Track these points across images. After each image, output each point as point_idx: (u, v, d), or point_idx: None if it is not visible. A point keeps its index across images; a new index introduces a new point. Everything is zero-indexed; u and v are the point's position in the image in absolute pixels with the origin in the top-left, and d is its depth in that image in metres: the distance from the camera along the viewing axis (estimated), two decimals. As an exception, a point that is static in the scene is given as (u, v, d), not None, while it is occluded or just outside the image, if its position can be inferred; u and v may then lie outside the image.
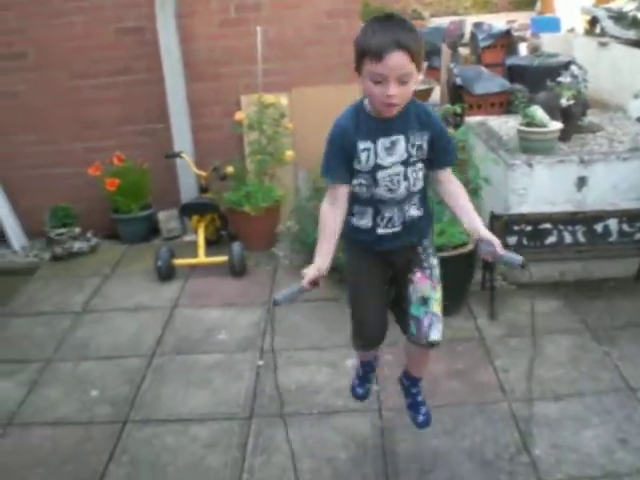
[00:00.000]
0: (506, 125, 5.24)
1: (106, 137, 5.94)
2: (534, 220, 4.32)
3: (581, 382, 3.77)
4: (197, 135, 5.90)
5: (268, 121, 5.41)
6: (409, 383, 3.17)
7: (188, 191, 5.78)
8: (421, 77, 2.51)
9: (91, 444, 3.50)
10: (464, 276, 4.35)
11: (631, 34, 8.24)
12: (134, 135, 5.96)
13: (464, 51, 10.49)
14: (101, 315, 4.77)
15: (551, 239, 4.36)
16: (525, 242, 4.35)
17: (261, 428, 3.53)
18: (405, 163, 2.63)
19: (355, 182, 2.66)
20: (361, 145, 2.59)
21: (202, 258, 5.20)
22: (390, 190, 2.66)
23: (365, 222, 2.75)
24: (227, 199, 5.45)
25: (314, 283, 2.57)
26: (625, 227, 4.33)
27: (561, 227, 4.32)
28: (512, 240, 4.32)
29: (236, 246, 5.16)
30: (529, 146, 4.60)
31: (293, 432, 3.45)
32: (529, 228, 4.32)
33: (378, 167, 2.62)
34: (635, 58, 8.49)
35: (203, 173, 5.49)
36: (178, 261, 5.21)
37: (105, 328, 4.59)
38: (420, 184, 2.72)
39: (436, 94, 8.05)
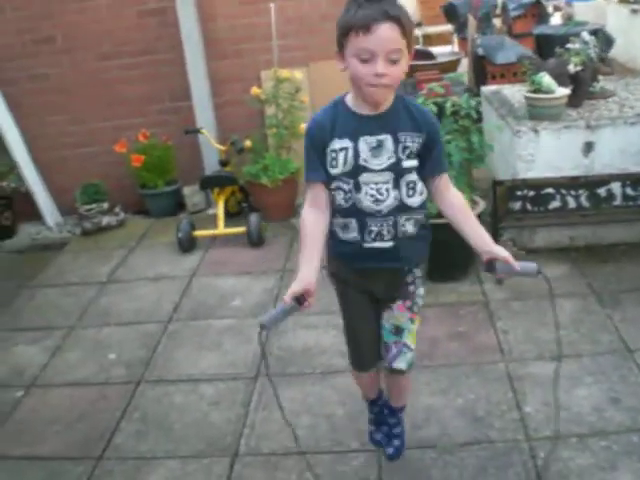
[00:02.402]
0: (519, 93, 5.27)
1: (133, 115, 6.15)
2: (536, 185, 4.38)
3: (580, 343, 3.84)
4: (220, 111, 6.08)
5: (283, 95, 5.55)
6: (388, 412, 3.09)
7: (211, 166, 5.96)
8: (408, 64, 2.26)
9: (105, 403, 3.72)
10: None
11: (665, 0, 8.15)
12: (159, 113, 6.17)
13: (498, 22, 10.44)
14: (124, 285, 5.01)
15: (555, 204, 4.42)
16: (529, 207, 4.42)
17: (265, 387, 3.69)
18: (395, 169, 2.37)
19: (333, 185, 2.41)
20: (337, 144, 2.36)
21: (221, 229, 5.40)
22: (376, 201, 2.40)
23: (352, 236, 2.48)
24: (246, 172, 5.63)
25: (303, 298, 2.29)
26: (629, 191, 4.37)
27: (564, 192, 4.38)
28: (516, 205, 4.41)
29: (253, 217, 5.33)
30: (536, 113, 4.64)
31: (295, 390, 3.65)
32: (532, 193, 4.38)
33: (361, 169, 2.36)
34: (667, 24, 8.38)
35: (222, 147, 5.67)
36: (198, 232, 5.42)
37: (127, 297, 4.83)
38: (419, 198, 2.46)
39: (463, 66, 8.06)
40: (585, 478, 2.92)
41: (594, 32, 6.72)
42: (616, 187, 4.38)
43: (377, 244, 2.47)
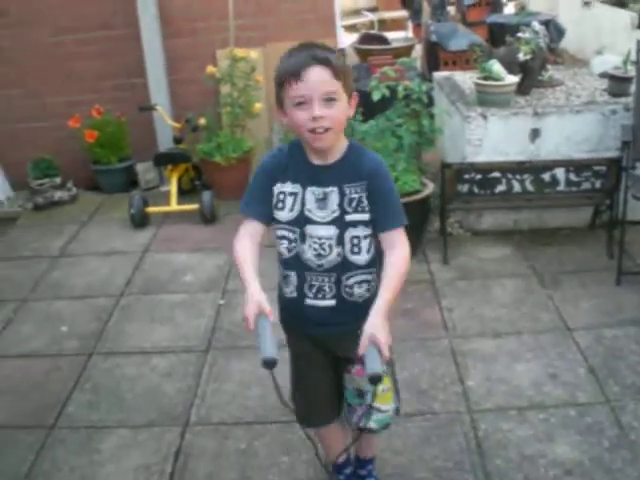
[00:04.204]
0: (470, 80, 5.40)
1: (87, 91, 6.12)
2: (483, 169, 4.52)
3: (521, 322, 3.99)
4: (174, 89, 6.10)
5: (239, 74, 5.60)
6: (356, 463, 2.90)
7: (165, 143, 5.97)
8: (352, 109, 2.21)
9: (58, 374, 3.76)
10: (418, 222, 4.55)
11: (615, -7, 8.35)
12: (114, 89, 6.15)
13: (452, 10, 10.58)
14: (76, 259, 5.04)
15: (500, 187, 4.57)
16: (476, 190, 4.56)
17: (216, 359, 3.79)
18: (339, 223, 2.23)
19: (278, 233, 2.31)
20: (289, 187, 2.26)
21: (174, 206, 5.45)
22: (319, 255, 2.26)
23: (290, 290, 2.36)
24: (200, 150, 5.68)
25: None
26: (572, 177, 4.53)
27: (510, 176, 4.52)
28: (463, 188, 4.54)
29: (206, 195, 5.38)
30: (486, 99, 4.78)
31: (246, 363, 3.74)
32: (479, 177, 4.52)
33: (306, 220, 2.25)
34: (616, 17, 8.61)
35: (177, 124, 5.71)
36: (151, 209, 5.46)
37: (79, 271, 4.86)
38: (366, 255, 2.29)
39: (417, 52, 8.19)
40: (523, 449, 3.05)
41: (545, 22, 6.89)
42: (560, 173, 4.54)
43: (319, 302, 2.32)
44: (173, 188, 5.51)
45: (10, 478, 3.05)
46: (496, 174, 4.53)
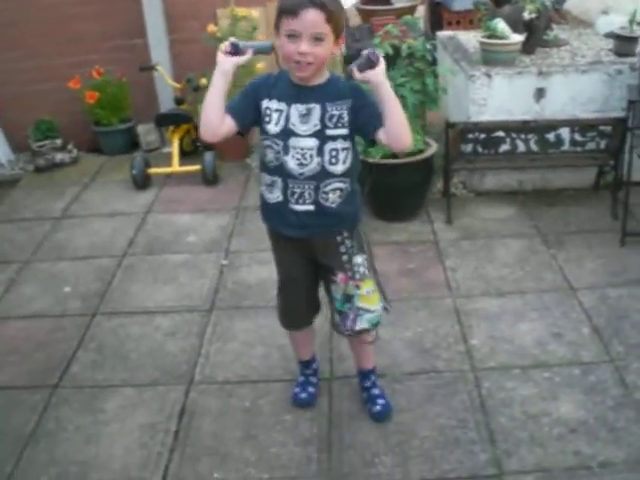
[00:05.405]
0: (474, 39, 5.33)
1: (87, 52, 6.04)
2: (487, 128, 4.48)
3: (525, 281, 3.99)
4: (175, 49, 6.04)
5: (240, 34, 5.52)
6: (360, 377, 3.18)
7: (166, 104, 5.93)
8: (341, 48, 2.52)
9: (62, 334, 3.77)
10: (421, 183, 4.53)
11: (619, -50, 8.21)
12: (114, 50, 6.07)
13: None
14: (79, 220, 5.03)
15: (505, 147, 4.53)
16: (480, 150, 4.52)
17: (220, 319, 3.80)
18: (320, 136, 2.54)
19: (265, 143, 2.59)
20: (274, 104, 2.54)
21: (176, 167, 5.43)
22: (301, 164, 2.56)
23: (275, 196, 2.65)
24: (201, 110, 5.60)
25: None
26: (577, 136, 4.49)
27: (514, 135, 4.49)
28: (467, 148, 4.51)
29: (208, 156, 5.36)
30: (490, 58, 4.72)
31: (249, 322, 3.75)
32: (483, 136, 4.49)
33: (290, 133, 2.53)
34: (622, -23, 8.47)
35: (177, 85, 5.66)
36: (153, 170, 5.44)
37: (82, 232, 4.85)
38: (342, 166, 2.60)
39: (419, 12, 8.07)
40: (527, 407, 3.07)
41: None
42: (565, 132, 4.50)
43: (300, 207, 2.63)
44: (175, 149, 5.48)
45: (14, 438, 3.06)
46: (500, 133, 4.49)
